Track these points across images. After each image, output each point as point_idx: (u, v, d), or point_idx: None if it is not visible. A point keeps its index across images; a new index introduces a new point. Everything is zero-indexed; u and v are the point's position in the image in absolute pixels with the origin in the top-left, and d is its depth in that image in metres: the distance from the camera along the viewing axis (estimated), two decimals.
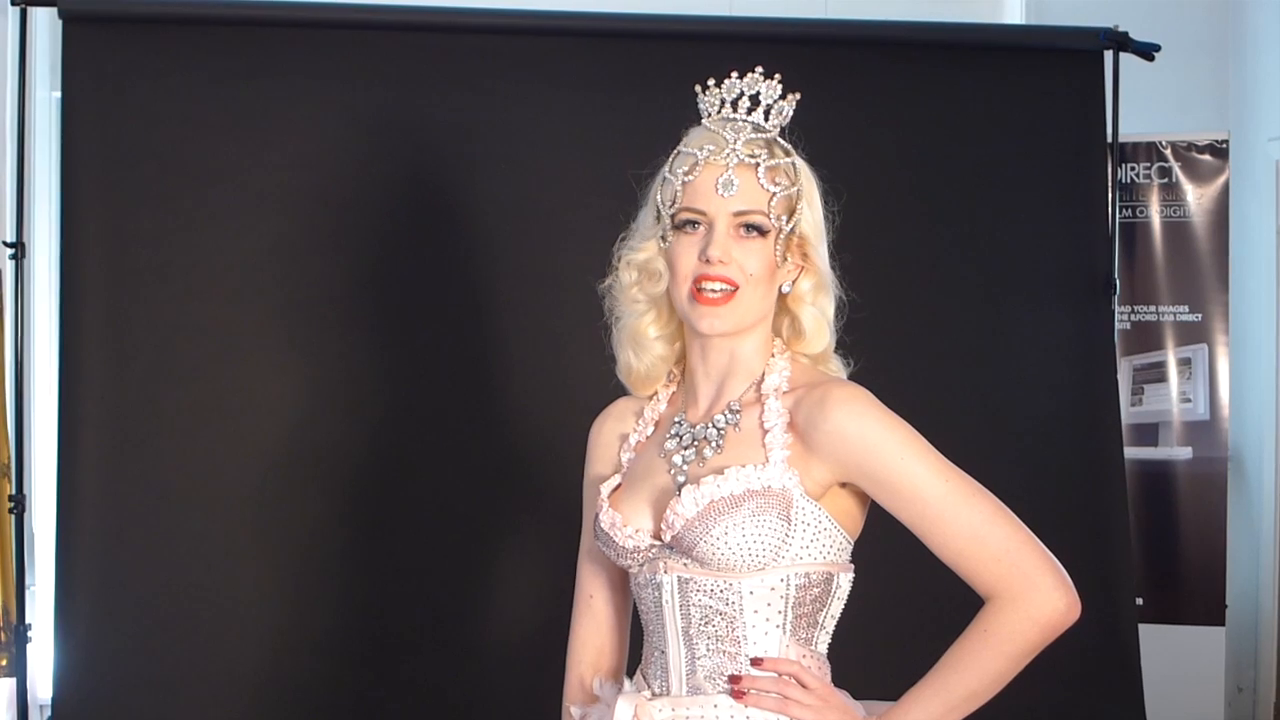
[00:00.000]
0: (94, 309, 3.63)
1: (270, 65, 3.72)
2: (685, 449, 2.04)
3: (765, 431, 1.99)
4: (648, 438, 2.14)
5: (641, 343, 2.12)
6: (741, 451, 1.99)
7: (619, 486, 2.10)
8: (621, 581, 2.18)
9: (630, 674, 2.13)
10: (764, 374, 2.05)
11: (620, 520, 2.03)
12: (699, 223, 2.00)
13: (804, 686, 1.97)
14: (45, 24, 4.21)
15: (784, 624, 1.98)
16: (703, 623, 1.98)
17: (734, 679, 1.97)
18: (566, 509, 2.22)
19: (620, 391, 2.21)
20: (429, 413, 3.73)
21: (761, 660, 1.97)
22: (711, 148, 1.99)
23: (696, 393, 2.09)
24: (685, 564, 1.97)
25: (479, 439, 3.74)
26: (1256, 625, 5.23)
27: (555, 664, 2.21)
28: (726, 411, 2.04)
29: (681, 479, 2.01)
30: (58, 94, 3.94)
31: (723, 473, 1.95)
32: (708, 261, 1.97)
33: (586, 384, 2.36)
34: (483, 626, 3.74)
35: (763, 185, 1.98)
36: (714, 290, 1.98)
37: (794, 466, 1.96)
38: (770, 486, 1.94)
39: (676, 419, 2.09)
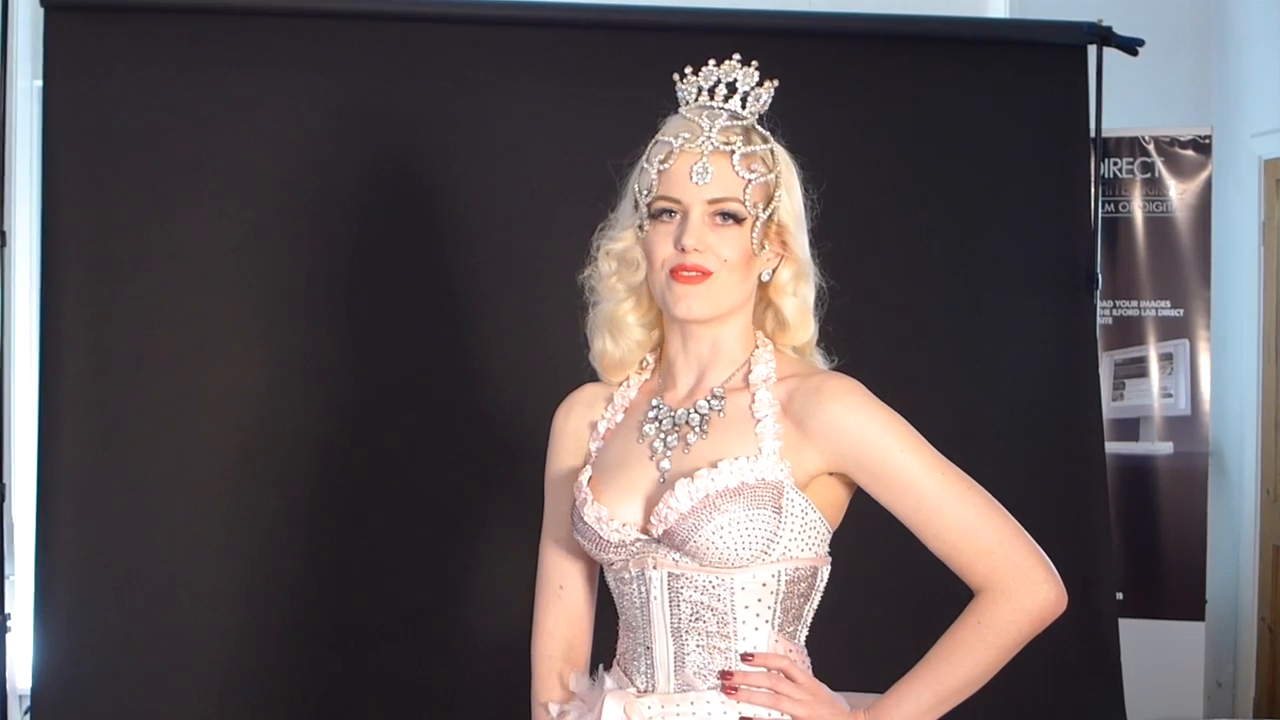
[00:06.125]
0: (75, 298, 3.62)
1: (251, 55, 3.71)
2: (666, 434, 2.02)
3: (756, 421, 1.97)
4: (618, 425, 2.11)
5: (620, 328, 2.09)
6: (728, 439, 1.98)
7: (592, 477, 2.05)
8: (591, 572, 2.16)
9: (593, 667, 2.13)
10: (750, 364, 2.04)
11: (606, 514, 1.99)
12: (674, 211, 1.98)
13: (793, 681, 1.97)
14: (27, 12, 4.19)
15: (772, 618, 1.97)
16: (693, 619, 1.96)
17: (725, 675, 1.96)
18: (542, 499, 2.21)
19: (595, 378, 2.18)
20: (408, 403, 3.73)
21: (752, 655, 1.97)
22: (687, 135, 1.98)
23: (675, 379, 2.07)
24: (676, 559, 1.95)
25: (457, 430, 3.74)
26: (1236, 620, 5.24)
27: (529, 655, 2.20)
28: (710, 397, 2.02)
29: (665, 465, 1.99)
30: (39, 83, 3.92)
31: (716, 465, 1.93)
32: (683, 250, 1.95)
33: (564, 374, 2.34)
34: (458, 617, 3.74)
35: (738, 172, 1.97)
36: (689, 273, 1.96)
37: (786, 457, 1.95)
38: (764, 479, 1.93)
39: (654, 402, 2.06)
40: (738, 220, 1.98)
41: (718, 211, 1.97)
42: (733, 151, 1.97)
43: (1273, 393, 5.11)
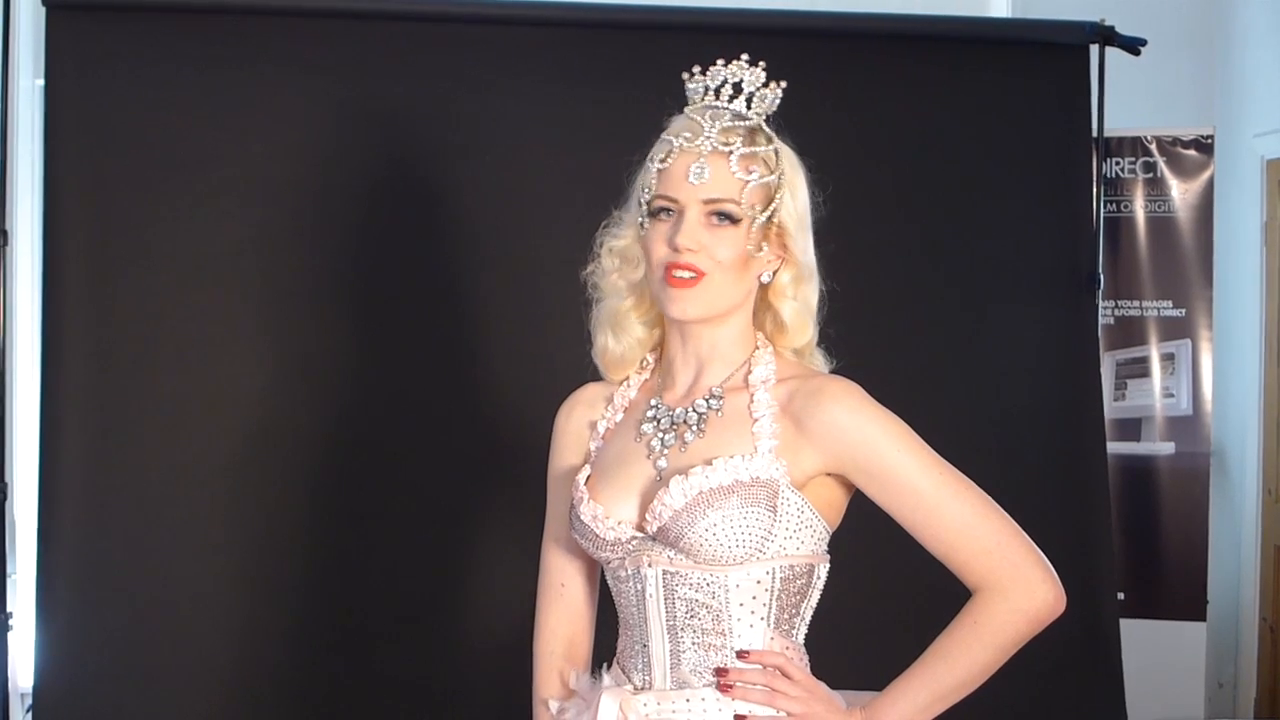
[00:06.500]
0: (77, 297, 3.62)
1: (254, 54, 3.71)
2: (664, 433, 2.02)
3: (754, 420, 1.98)
4: (617, 424, 2.12)
5: (621, 324, 2.11)
6: (725, 438, 1.98)
7: (591, 476, 2.07)
8: (592, 570, 2.17)
9: (595, 665, 2.13)
10: (749, 365, 2.04)
11: (603, 513, 2.00)
12: (672, 210, 1.98)
13: (789, 678, 1.97)
14: (29, 11, 4.20)
15: (768, 616, 1.97)
16: (688, 616, 1.97)
17: (720, 672, 1.97)
18: (544, 498, 2.21)
19: (598, 377, 2.19)
20: (411, 402, 3.73)
21: (747, 653, 1.97)
22: (688, 135, 1.98)
23: (675, 378, 2.08)
24: (671, 557, 1.96)
25: (459, 428, 3.73)
26: (1237, 620, 5.24)
27: (530, 654, 2.21)
28: (708, 396, 2.02)
29: (662, 464, 2.00)
30: (41, 81, 3.92)
31: (711, 463, 1.94)
32: (676, 249, 1.96)
33: (567, 372, 2.35)
34: (460, 616, 3.74)
35: (735, 173, 1.96)
36: (682, 274, 1.97)
37: (782, 456, 1.95)
38: (758, 477, 1.93)
39: (653, 402, 2.07)
40: (733, 221, 1.97)
41: (713, 211, 1.97)
42: (731, 152, 1.97)
43: (1274, 393, 5.11)
